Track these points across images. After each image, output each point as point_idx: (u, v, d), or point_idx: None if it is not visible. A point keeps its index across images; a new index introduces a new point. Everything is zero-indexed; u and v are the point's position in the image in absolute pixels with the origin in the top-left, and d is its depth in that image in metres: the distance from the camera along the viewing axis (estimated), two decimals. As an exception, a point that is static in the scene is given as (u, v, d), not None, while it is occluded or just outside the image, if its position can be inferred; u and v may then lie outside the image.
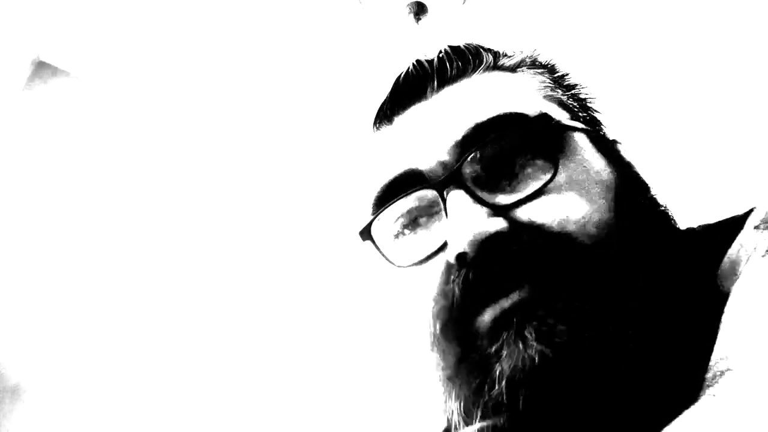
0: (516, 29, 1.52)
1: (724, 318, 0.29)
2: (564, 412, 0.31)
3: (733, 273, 0.31)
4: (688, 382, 0.27)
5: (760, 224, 0.32)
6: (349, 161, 1.93)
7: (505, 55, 0.44)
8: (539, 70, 0.44)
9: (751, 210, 0.35)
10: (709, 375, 0.26)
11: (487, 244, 0.33)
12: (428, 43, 1.58)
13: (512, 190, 0.36)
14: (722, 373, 0.25)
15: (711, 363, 0.27)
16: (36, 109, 1.64)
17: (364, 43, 1.60)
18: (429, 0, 1.48)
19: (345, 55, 1.65)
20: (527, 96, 0.41)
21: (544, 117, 0.38)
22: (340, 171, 1.93)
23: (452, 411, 0.35)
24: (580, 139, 0.39)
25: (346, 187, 1.90)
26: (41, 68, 1.67)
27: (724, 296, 0.30)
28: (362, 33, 1.58)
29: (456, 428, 0.35)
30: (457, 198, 0.35)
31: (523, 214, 0.35)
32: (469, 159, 0.36)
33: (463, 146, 0.37)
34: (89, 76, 1.74)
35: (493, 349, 0.32)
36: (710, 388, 0.25)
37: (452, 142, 0.38)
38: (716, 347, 0.27)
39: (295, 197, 1.93)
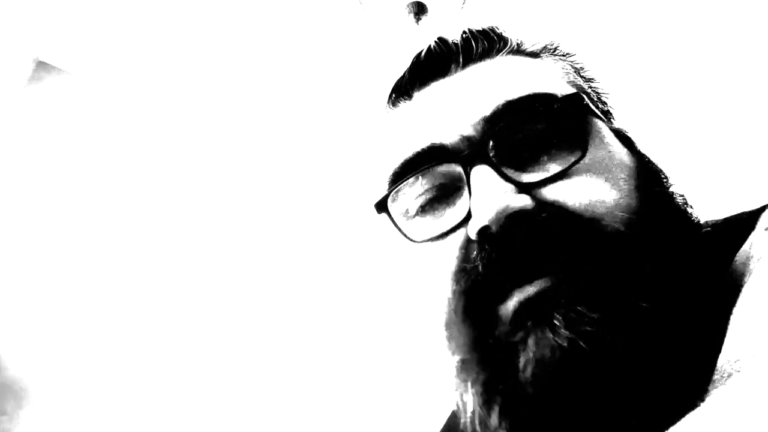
0: (516, 30, 1.52)
1: (732, 319, 0.28)
2: (584, 402, 0.30)
3: (743, 273, 0.31)
4: (695, 382, 0.27)
5: None
6: (348, 160, 1.93)
7: (527, 41, 0.44)
8: (560, 58, 0.44)
9: (762, 208, 0.35)
10: (716, 375, 0.26)
11: (511, 221, 0.32)
12: (428, 43, 1.58)
13: (539, 169, 0.35)
14: (730, 373, 0.25)
15: (719, 363, 0.27)
16: (36, 108, 1.64)
17: (364, 43, 1.60)
18: (429, 0, 1.48)
19: (345, 55, 1.65)
20: (553, 79, 0.40)
21: (575, 97, 0.38)
22: (340, 170, 1.93)
23: (470, 395, 0.34)
24: (603, 127, 0.39)
25: (346, 186, 1.90)
26: (41, 68, 1.66)
27: (733, 296, 0.30)
28: (362, 33, 1.58)
29: (472, 414, 0.34)
30: (483, 173, 0.34)
31: (549, 193, 0.34)
32: (495, 134, 0.36)
33: (491, 122, 0.36)
34: (89, 76, 1.73)
35: (518, 336, 0.31)
36: (717, 388, 0.25)
37: (479, 118, 0.37)
38: (724, 348, 0.27)
39: (295, 197, 1.93)
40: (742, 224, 0.35)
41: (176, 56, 1.67)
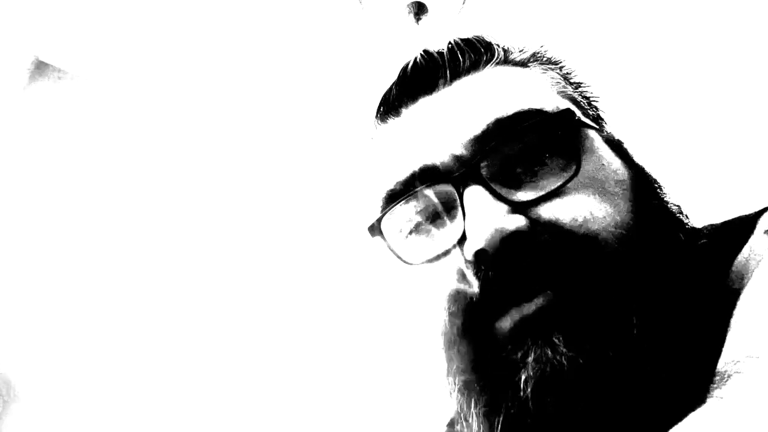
0: (517, 29, 1.52)
1: (732, 321, 0.29)
2: (586, 415, 0.30)
3: (743, 277, 0.31)
4: (696, 384, 0.27)
5: None
6: (349, 161, 1.93)
7: (514, 50, 0.43)
8: (549, 66, 0.43)
9: (761, 211, 0.35)
10: (716, 377, 0.26)
11: (507, 242, 0.32)
12: (428, 43, 1.57)
13: (532, 188, 0.35)
14: (730, 375, 0.25)
15: (719, 365, 0.27)
16: (36, 109, 1.64)
17: (363, 42, 1.60)
18: (429, 0, 1.48)
19: (345, 55, 1.65)
20: (543, 92, 0.40)
21: (566, 113, 0.37)
22: (340, 171, 1.93)
23: (473, 416, 0.34)
24: (596, 138, 0.38)
25: (347, 186, 1.90)
26: (41, 68, 1.66)
27: (733, 299, 0.30)
28: (362, 33, 1.58)
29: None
30: (476, 194, 0.34)
31: (543, 212, 0.34)
32: (487, 153, 0.35)
33: (482, 141, 0.36)
34: (89, 76, 1.73)
35: (519, 354, 0.31)
36: (718, 390, 0.25)
37: (469, 137, 0.37)
38: (725, 350, 0.27)
39: (295, 197, 1.93)
40: (742, 228, 0.35)
41: (176, 57, 1.67)
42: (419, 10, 1.49)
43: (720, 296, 0.32)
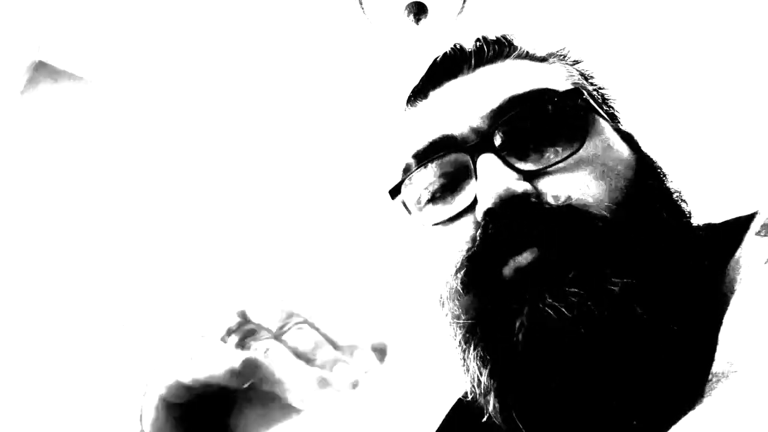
0: (516, 29, 1.52)
1: (727, 321, 0.29)
2: (574, 381, 0.32)
3: (736, 278, 0.32)
4: (692, 384, 0.28)
5: (761, 230, 0.33)
6: (351, 159, 1.93)
7: (535, 48, 0.47)
8: (567, 63, 0.47)
9: (756, 213, 0.35)
10: (712, 377, 0.27)
11: (512, 203, 0.35)
12: (428, 43, 1.58)
13: (538, 159, 0.38)
14: (726, 375, 0.26)
15: (715, 365, 0.27)
16: (36, 109, 1.64)
17: (364, 43, 1.61)
18: (429, 1, 1.48)
19: (345, 56, 1.65)
20: (557, 79, 0.43)
21: (574, 91, 0.40)
22: (342, 170, 1.94)
23: (471, 359, 0.37)
24: (604, 124, 0.41)
25: (349, 187, 1.91)
26: (41, 69, 1.66)
27: (726, 300, 0.31)
28: (362, 34, 1.58)
29: (473, 379, 0.37)
30: (488, 161, 0.37)
31: (546, 180, 0.37)
32: (501, 126, 0.39)
33: (497, 115, 0.40)
34: (90, 77, 1.74)
35: (515, 304, 0.34)
36: (714, 390, 0.26)
37: (486, 111, 0.40)
38: (720, 350, 0.28)
39: (297, 199, 1.93)
40: (737, 228, 0.36)
41: (177, 59, 1.67)
42: (419, 11, 1.49)
43: (714, 296, 0.32)
